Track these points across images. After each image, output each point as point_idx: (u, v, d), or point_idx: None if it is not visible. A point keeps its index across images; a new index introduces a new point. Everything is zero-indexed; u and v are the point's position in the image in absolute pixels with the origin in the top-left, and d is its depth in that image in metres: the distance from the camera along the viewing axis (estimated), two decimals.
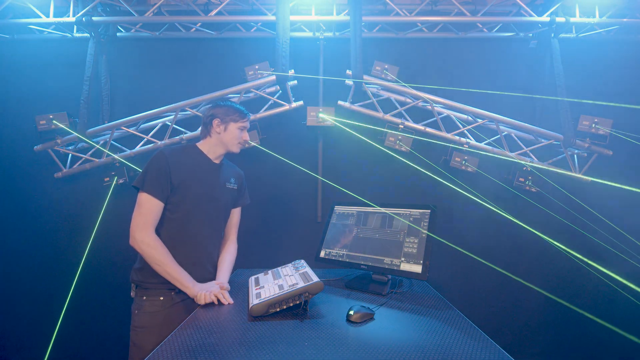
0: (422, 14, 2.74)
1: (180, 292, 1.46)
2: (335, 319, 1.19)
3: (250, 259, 2.82)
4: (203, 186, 1.55)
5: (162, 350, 0.96)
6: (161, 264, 1.40)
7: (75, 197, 2.81)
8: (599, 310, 2.76)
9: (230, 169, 1.74)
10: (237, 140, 1.63)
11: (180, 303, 1.48)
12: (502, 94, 2.83)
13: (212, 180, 1.60)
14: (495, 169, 2.81)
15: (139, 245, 1.40)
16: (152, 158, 1.48)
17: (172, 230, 1.49)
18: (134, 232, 1.41)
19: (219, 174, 1.65)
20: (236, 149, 1.65)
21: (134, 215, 1.43)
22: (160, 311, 1.44)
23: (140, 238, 1.40)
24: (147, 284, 1.46)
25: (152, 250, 1.40)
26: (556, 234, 2.80)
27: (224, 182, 1.67)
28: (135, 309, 1.47)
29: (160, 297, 1.45)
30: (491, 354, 0.93)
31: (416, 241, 1.48)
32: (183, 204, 1.50)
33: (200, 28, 2.85)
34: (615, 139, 2.58)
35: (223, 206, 1.66)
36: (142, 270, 1.47)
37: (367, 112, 2.72)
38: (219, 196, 1.62)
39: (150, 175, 1.44)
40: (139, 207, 1.43)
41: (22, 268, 2.81)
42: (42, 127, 2.54)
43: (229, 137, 1.61)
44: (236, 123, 1.61)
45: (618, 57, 2.82)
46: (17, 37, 2.87)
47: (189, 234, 1.52)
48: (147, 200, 1.42)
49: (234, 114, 1.61)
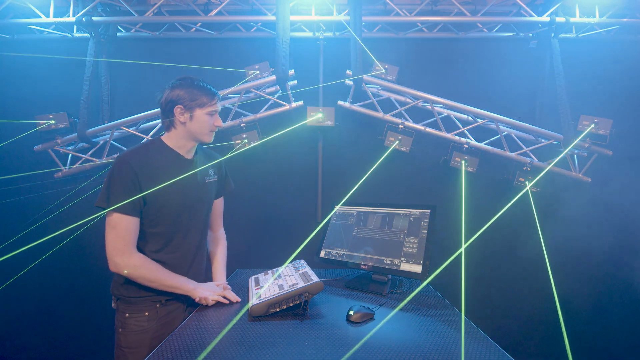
0: (422, 14, 2.74)
1: (166, 304, 1.35)
2: (335, 319, 1.19)
3: (250, 259, 2.82)
4: (180, 189, 1.34)
5: (162, 350, 0.96)
6: (156, 281, 1.27)
7: (75, 197, 2.81)
8: (598, 310, 2.76)
9: (205, 159, 1.49)
10: (207, 129, 1.36)
11: (166, 317, 1.35)
12: (502, 94, 2.83)
13: (188, 180, 1.37)
14: (495, 169, 2.81)
15: (125, 270, 1.24)
16: (113, 169, 1.23)
17: (156, 245, 1.33)
18: (113, 257, 1.23)
19: (195, 170, 1.41)
20: (208, 138, 1.38)
21: (108, 239, 1.23)
22: (147, 330, 1.30)
23: (124, 263, 1.23)
24: (131, 298, 1.32)
25: (140, 270, 1.26)
26: (555, 234, 2.80)
27: (203, 177, 1.45)
28: (119, 326, 1.33)
29: (145, 312, 1.31)
30: (491, 354, 0.93)
31: (416, 241, 1.48)
32: (162, 214, 1.31)
33: (200, 28, 2.85)
34: (615, 139, 2.58)
35: (207, 204, 1.49)
36: (125, 285, 1.32)
37: (367, 112, 2.72)
38: (200, 195, 1.43)
39: (115, 190, 1.21)
40: (112, 229, 1.22)
41: (22, 268, 2.81)
42: (42, 127, 2.54)
43: (197, 126, 1.33)
44: (203, 108, 1.33)
45: (618, 57, 2.82)
46: (17, 37, 2.87)
47: (175, 245, 1.37)
48: (120, 220, 1.22)
49: (200, 97, 1.32)
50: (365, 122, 2.80)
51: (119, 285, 1.35)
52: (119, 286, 1.35)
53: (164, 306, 1.35)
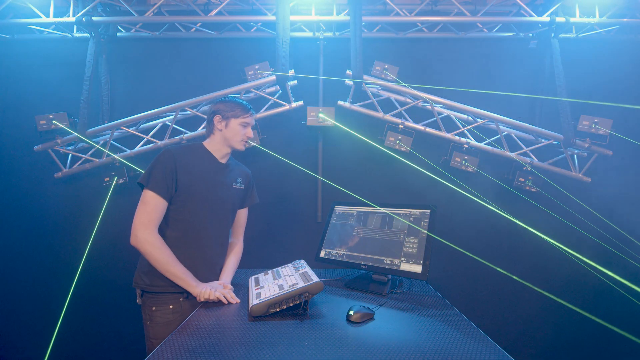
0: (422, 14, 2.74)
1: (188, 297, 1.44)
2: (335, 319, 1.19)
3: (250, 259, 2.80)
4: (209, 186, 1.52)
5: (162, 350, 0.96)
6: (164, 263, 1.37)
7: (75, 197, 2.81)
8: (598, 310, 2.76)
9: (237, 169, 1.70)
10: (239, 137, 1.57)
11: (190, 310, 1.43)
12: (502, 94, 2.83)
13: (218, 181, 1.57)
14: (495, 169, 2.81)
15: (142, 244, 1.36)
16: (158, 156, 1.45)
17: (177, 232, 1.46)
18: (136, 230, 1.36)
19: (226, 174, 1.61)
20: (240, 146, 1.59)
21: (137, 212, 1.39)
22: (172, 322, 1.41)
23: (144, 237, 1.36)
24: (154, 288, 1.43)
25: (154, 249, 1.37)
26: (556, 234, 2.80)
27: (231, 182, 1.63)
28: (147, 319, 1.44)
29: (169, 305, 1.43)
30: (491, 354, 0.93)
31: (416, 241, 1.48)
32: (189, 204, 1.47)
33: (200, 28, 2.85)
34: (615, 139, 2.58)
35: (230, 207, 1.63)
36: (149, 274, 1.43)
37: (367, 112, 2.72)
38: (225, 197, 1.59)
39: (156, 172, 1.41)
40: (143, 204, 1.39)
41: (22, 268, 2.81)
42: (42, 127, 2.54)
43: (231, 134, 1.56)
44: (237, 119, 1.55)
45: (618, 57, 2.82)
46: (17, 37, 2.86)
47: (194, 236, 1.49)
48: (152, 198, 1.39)
49: (235, 109, 1.56)
50: (365, 122, 2.80)
51: (141, 274, 1.46)
52: (142, 275, 1.46)
53: (187, 300, 1.45)
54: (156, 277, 1.41)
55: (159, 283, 1.42)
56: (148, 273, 1.44)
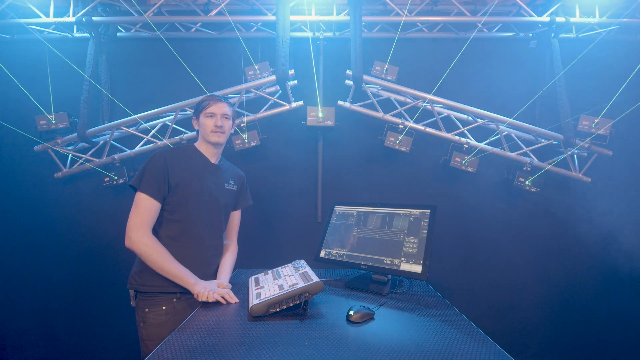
0: (422, 14, 2.74)
1: (181, 298, 1.45)
2: (335, 319, 1.19)
3: (250, 259, 2.81)
4: (201, 187, 1.53)
5: (162, 350, 0.96)
6: (160, 263, 1.38)
7: (75, 197, 2.81)
8: (598, 310, 2.76)
9: (230, 170, 1.71)
10: (209, 129, 1.55)
11: (183, 311, 1.44)
12: (502, 94, 2.83)
13: (210, 181, 1.57)
14: (495, 169, 2.81)
15: (137, 246, 1.37)
16: (150, 158, 1.47)
17: (171, 232, 1.47)
18: (130, 232, 1.37)
19: (218, 174, 1.62)
20: (212, 138, 1.55)
21: (130, 215, 1.41)
22: (165, 323, 1.41)
23: (137, 238, 1.37)
24: (146, 288, 1.43)
25: (149, 249, 1.37)
26: (556, 234, 2.80)
27: (223, 183, 1.64)
28: (140, 321, 1.44)
29: (162, 306, 1.43)
30: (491, 354, 0.93)
31: (416, 241, 1.48)
32: (181, 205, 1.48)
33: (200, 28, 2.85)
34: (615, 139, 2.58)
35: (222, 207, 1.63)
36: (141, 274, 1.44)
37: (367, 112, 2.72)
38: (218, 197, 1.59)
39: (147, 174, 1.42)
40: (136, 207, 1.41)
41: (22, 268, 2.81)
42: (42, 127, 2.54)
43: (203, 129, 1.56)
44: (202, 112, 1.56)
45: (618, 57, 2.82)
46: (17, 37, 2.87)
47: (188, 236, 1.49)
48: (144, 200, 1.40)
49: (200, 105, 1.58)
50: (365, 122, 2.80)
51: (134, 274, 1.47)
52: (134, 275, 1.47)
53: (180, 300, 1.46)
54: (148, 277, 1.42)
55: (151, 283, 1.42)
56: (140, 273, 1.44)
